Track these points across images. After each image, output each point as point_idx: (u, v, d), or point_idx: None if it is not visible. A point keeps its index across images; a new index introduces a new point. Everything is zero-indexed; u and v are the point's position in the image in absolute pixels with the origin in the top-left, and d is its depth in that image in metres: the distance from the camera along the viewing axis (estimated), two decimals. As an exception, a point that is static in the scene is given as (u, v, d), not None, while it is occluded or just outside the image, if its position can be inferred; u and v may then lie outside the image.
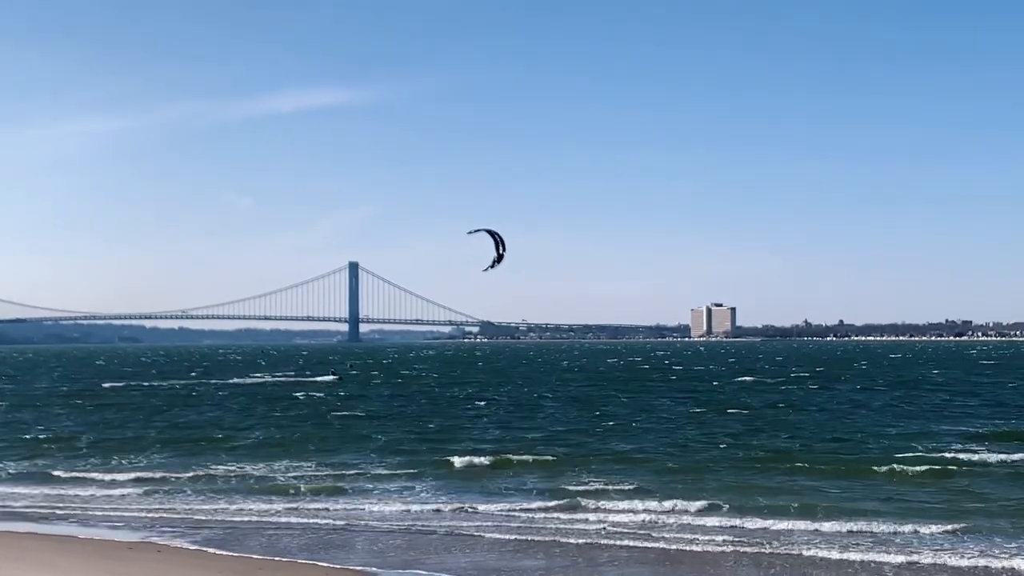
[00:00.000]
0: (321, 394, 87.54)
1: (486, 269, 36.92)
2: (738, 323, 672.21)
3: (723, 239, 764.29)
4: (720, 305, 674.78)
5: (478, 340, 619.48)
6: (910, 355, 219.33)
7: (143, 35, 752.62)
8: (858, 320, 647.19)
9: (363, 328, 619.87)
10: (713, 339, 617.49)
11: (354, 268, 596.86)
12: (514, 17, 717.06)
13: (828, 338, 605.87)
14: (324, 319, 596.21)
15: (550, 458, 42.16)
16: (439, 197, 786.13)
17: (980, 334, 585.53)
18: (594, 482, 36.01)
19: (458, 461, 41.41)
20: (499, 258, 36.88)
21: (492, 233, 37.24)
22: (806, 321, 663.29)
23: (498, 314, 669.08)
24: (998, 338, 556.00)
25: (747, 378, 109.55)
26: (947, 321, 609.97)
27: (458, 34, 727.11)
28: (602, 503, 32.40)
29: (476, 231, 37.08)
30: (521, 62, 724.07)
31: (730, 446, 45.67)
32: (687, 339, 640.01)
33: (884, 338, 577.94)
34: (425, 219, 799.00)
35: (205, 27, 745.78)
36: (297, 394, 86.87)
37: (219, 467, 41.16)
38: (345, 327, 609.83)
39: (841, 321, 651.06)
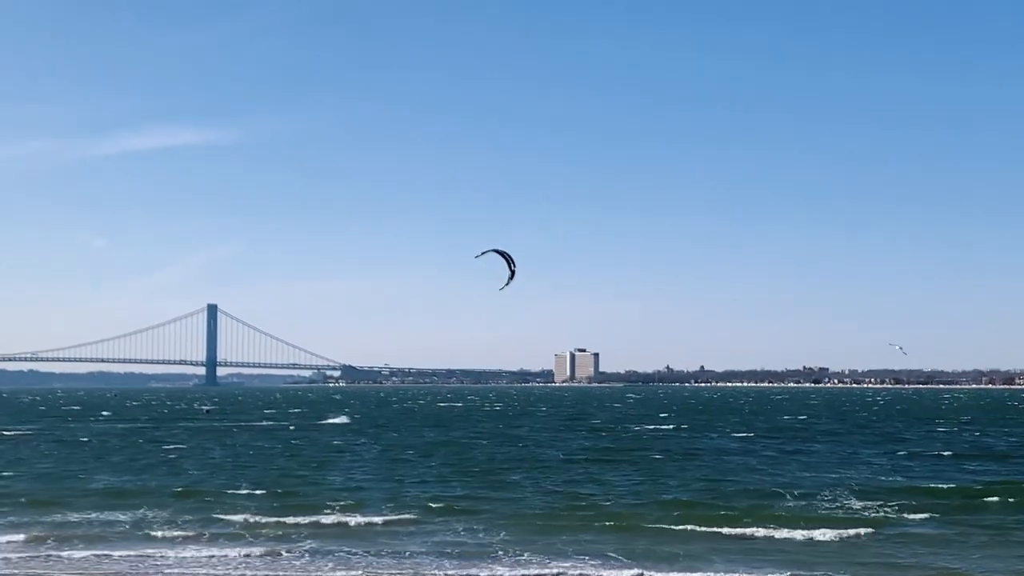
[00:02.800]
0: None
1: (502, 288, 39.15)
2: (601, 368, 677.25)
3: (586, 285, 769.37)
4: (583, 350, 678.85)
5: (339, 384, 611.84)
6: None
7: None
8: (719, 367, 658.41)
9: (221, 371, 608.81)
10: (576, 384, 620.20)
11: (212, 310, 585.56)
12: (374, 59, 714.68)
13: (689, 384, 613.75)
14: (180, 362, 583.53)
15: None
16: (301, 239, 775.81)
17: (836, 381, 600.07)
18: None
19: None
20: (512, 275, 38.78)
21: (502, 253, 39.01)
22: (668, 367, 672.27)
23: (360, 358, 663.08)
24: (853, 384, 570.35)
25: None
26: (805, 368, 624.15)
27: (318, 75, 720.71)
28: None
29: (484, 253, 38.73)
30: (379, 102, 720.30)
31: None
32: (551, 384, 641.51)
33: (744, 384, 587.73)
34: (287, 261, 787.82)
35: (58, 65, 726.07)
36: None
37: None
38: (202, 370, 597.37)
39: (702, 367, 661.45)
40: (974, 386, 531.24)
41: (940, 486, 45.03)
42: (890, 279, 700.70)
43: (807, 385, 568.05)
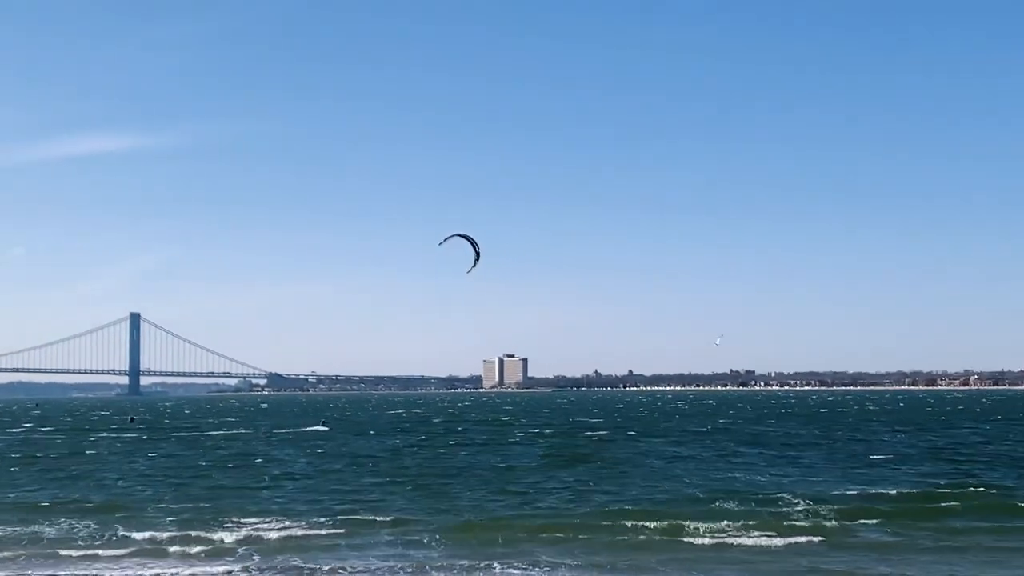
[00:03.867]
0: None
1: (469, 270, 39.74)
2: (530, 373, 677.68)
3: (515, 290, 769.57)
4: (512, 356, 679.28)
5: (265, 392, 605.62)
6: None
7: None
8: (647, 371, 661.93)
9: (145, 381, 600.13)
10: (505, 390, 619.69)
11: (136, 319, 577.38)
12: (299, 67, 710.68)
13: (618, 388, 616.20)
14: (103, 372, 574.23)
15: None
16: (226, 248, 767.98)
17: (763, 383, 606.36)
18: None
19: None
20: (477, 256, 38.81)
21: (466, 237, 39.25)
22: (596, 371, 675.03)
23: (287, 366, 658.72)
24: (779, 387, 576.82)
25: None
26: (731, 371, 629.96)
27: (244, 84, 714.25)
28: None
29: (448, 238, 39.19)
30: (304, 110, 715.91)
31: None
32: (479, 389, 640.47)
33: (673, 387, 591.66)
34: (212, 270, 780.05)
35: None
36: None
37: None
38: (125, 380, 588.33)
39: (630, 371, 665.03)
40: (897, 387, 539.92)
41: (887, 492, 44.30)
42: (814, 283, 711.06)
43: (735, 388, 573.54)
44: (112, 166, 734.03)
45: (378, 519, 37.56)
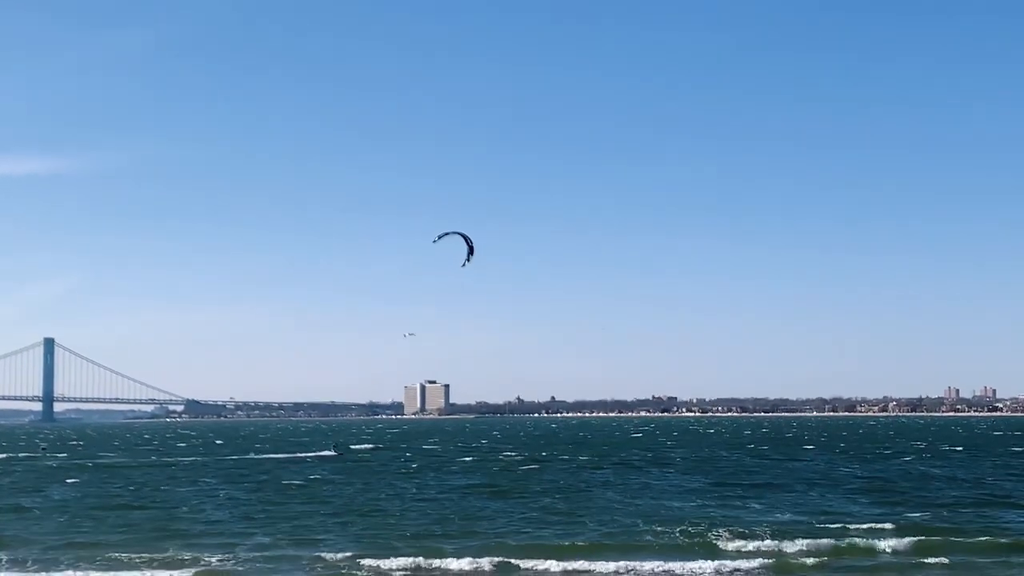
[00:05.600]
0: None
1: (463, 264, 40.86)
2: (452, 400, 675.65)
3: (436, 317, 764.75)
4: (434, 382, 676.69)
5: (181, 419, 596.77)
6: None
7: None
8: (569, 397, 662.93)
9: (59, 407, 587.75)
10: (427, 416, 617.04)
11: (49, 344, 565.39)
12: (217, 91, 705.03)
13: (540, 414, 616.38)
14: (14, 397, 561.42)
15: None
16: (143, 272, 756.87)
17: (684, 409, 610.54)
18: None
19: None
20: (470, 251, 39.83)
21: (461, 234, 40.22)
22: (519, 398, 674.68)
23: (205, 392, 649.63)
24: (700, 413, 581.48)
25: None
26: (654, 397, 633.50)
27: (160, 106, 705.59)
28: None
29: (443, 236, 40.03)
30: (221, 135, 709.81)
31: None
32: (400, 416, 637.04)
33: (595, 414, 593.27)
34: (128, 295, 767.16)
35: None
36: None
37: None
38: (38, 406, 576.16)
39: (553, 398, 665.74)
40: (817, 414, 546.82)
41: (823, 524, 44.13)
42: (735, 311, 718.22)
43: (657, 414, 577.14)
44: (17, 189, 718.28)
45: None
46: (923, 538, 37.77)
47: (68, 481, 73.51)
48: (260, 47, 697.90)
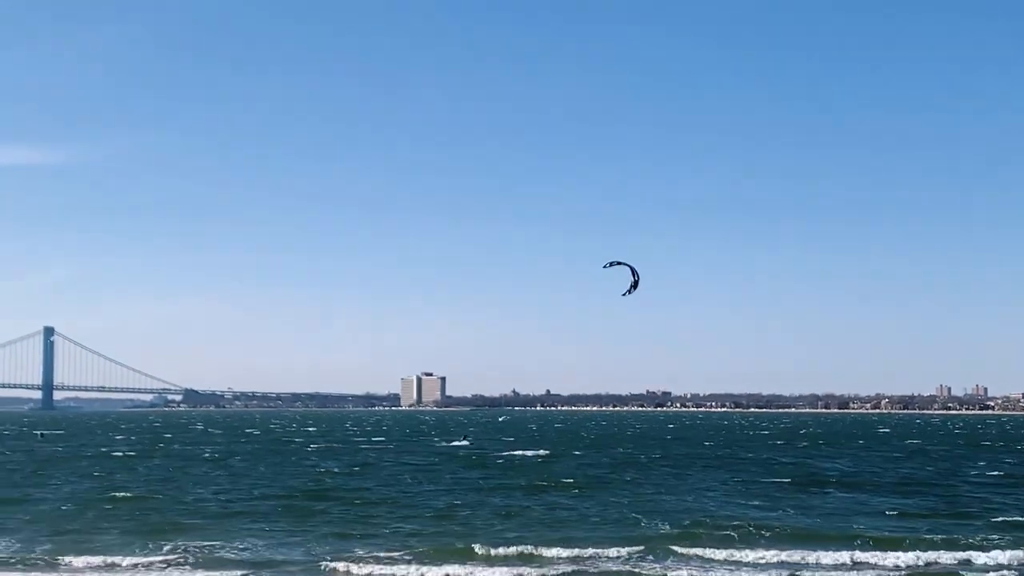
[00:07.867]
0: None
1: (624, 294, 40.71)
2: (448, 392, 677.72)
3: (433, 309, 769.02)
4: (430, 374, 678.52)
5: (181, 408, 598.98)
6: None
7: None
8: (565, 391, 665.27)
9: (58, 396, 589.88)
10: (423, 408, 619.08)
11: (49, 333, 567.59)
12: (213, 79, 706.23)
13: (535, 408, 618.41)
14: (14, 386, 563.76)
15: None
16: (142, 262, 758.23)
17: (679, 404, 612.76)
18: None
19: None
20: (635, 284, 40.43)
21: (628, 265, 40.79)
22: (514, 391, 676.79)
23: (203, 382, 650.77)
24: (695, 408, 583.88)
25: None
26: (648, 392, 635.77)
27: (153, 96, 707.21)
28: None
29: (613, 264, 40.64)
30: (217, 127, 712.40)
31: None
32: (396, 408, 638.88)
33: (590, 408, 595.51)
34: (128, 284, 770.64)
35: None
36: None
37: None
38: (38, 394, 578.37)
39: (548, 391, 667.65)
40: (810, 410, 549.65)
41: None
42: (730, 306, 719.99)
43: (652, 408, 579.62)
44: (25, 179, 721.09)
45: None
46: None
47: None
48: (247, 40, 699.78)
